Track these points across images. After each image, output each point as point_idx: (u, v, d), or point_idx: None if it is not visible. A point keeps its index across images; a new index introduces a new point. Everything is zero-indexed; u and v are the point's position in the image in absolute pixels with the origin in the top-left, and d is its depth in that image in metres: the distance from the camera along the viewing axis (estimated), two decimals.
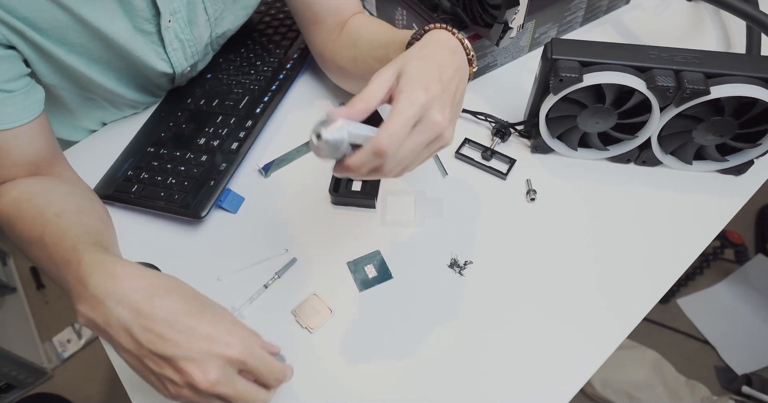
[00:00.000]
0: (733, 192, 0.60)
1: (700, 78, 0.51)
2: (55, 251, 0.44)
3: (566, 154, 0.63)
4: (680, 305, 1.33)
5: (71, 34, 0.52)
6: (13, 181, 0.52)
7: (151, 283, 0.39)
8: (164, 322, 0.37)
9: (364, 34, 0.59)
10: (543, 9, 0.69)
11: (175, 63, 0.63)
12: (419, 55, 0.42)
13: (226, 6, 0.64)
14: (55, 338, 1.43)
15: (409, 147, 0.39)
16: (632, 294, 0.54)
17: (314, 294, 0.54)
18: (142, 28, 0.56)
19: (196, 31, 0.62)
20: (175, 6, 0.57)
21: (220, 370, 0.36)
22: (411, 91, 0.38)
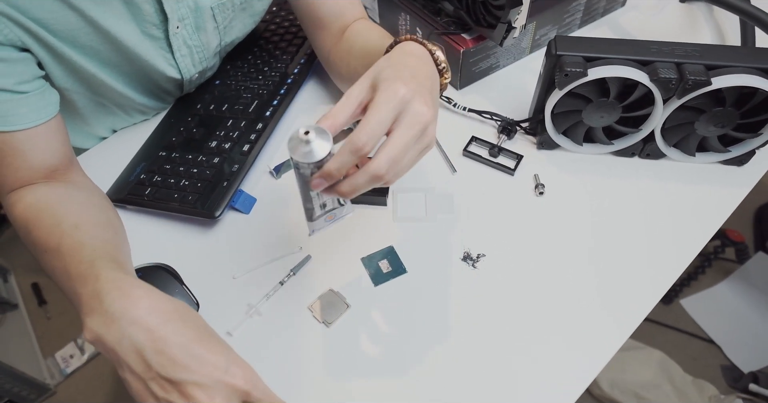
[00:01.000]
0: (736, 182, 0.61)
1: (701, 69, 0.53)
2: (71, 263, 0.44)
3: (572, 150, 0.64)
4: (683, 305, 1.34)
5: (82, 37, 0.53)
6: (29, 187, 0.53)
7: (166, 307, 0.39)
8: (178, 346, 0.37)
9: (359, 41, 0.61)
10: (543, 11, 0.71)
11: (183, 69, 0.65)
12: (388, 64, 0.42)
13: (235, 14, 0.65)
14: (58, 353, 1.41)
15: (399, 145, 0.38)
16: (641, 284, 0.55)
17: (330, 289, 0.55)
18: (150, 33, 0.58)
19: (204, 38, 0.64)
20: (183, 13, 0.58)
21: (225, 399, 0.36)
22: (388, 87, 0.38)
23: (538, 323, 0.53)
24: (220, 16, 0.63)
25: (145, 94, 0.67)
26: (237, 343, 0.53)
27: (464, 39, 0.68)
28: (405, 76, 0.40)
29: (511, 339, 0.52)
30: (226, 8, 0.63)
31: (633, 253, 0.57)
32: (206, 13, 0.61)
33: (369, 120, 0.37)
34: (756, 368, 1.22)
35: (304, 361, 0.52)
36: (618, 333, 0.52)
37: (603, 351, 0.51)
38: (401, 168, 0.39)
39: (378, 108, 0.38)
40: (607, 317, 0.53)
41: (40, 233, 0.49)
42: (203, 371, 0.36)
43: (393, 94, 0.38)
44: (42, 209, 0.51)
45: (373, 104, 0.38)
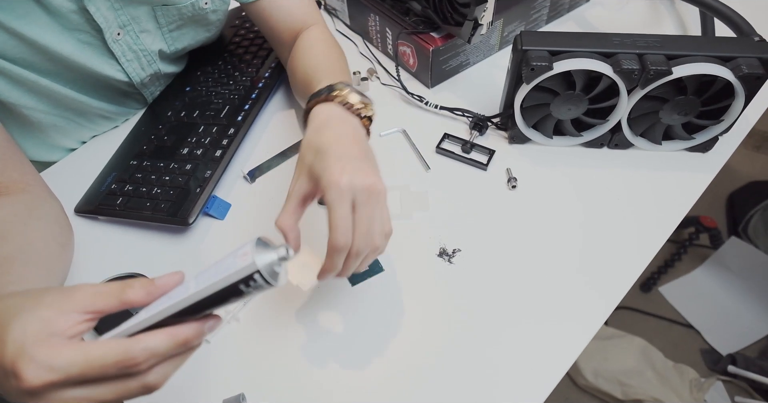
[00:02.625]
0: (702, 168, 0.63)
1: (662, 59, 0.54)
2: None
3: (542, 143, 0.65)
4: (662, 292, 1.36)
5: (11, 50, 0.51)
6: None
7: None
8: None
9: (303, 57, 0.61)
10: (510, 8, 0.72)
11: (132, 73, 0.64)
12: (314, 152, 0.44)
13: (184, 22, 0.64)
14: None
15: (366, 222, 0.41)
16: (616, 269, 0.56)
17: (307, 246, 0.49)
18: (87, 42, 0.56)
19: (149, 40, 0.62)
20: (123, 20, 0.57)
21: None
22: (330, 184, 0.40)
23: (515, 313, 0.53)
24: (163, 19, 0.62)
25: (100, 98, 0.65)
26: (215, 350, 0.52)
27: (433, 38, 0.69)
28: (335, 160, 0.42)
29: (490, 330, 0.52)
30: (171, 14, 0.62)
31: (607, 240, 0.58)
32: (147, 16, 0.60)
33: (336, 223, 0.40)
34: (734, 351, 1.26)
35: (283, 366, 0.51)
36: (595, 319, 0.52)
37: (580, 338, 0.51)
38: (375, 234, 0.43)
39: (335, 209, 0.40)
40: (583, 303, 0.54)
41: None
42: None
43: (338, 190, 0.40)
44: None
45: (330, 207, 0.40)
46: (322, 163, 0.42)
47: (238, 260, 0.30)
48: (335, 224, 0.40)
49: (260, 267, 0.30)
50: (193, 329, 0.30)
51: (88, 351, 0.27)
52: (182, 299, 0.31)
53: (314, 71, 0.57)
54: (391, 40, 0.74)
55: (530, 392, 0.49)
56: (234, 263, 0.30)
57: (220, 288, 0.31)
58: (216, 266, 0.31)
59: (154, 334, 0.29)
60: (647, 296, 1.36)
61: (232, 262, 0.31)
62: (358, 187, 0.41)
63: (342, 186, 0.40)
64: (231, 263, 0.31)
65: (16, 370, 0.27)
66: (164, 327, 0.31)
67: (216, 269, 0.31)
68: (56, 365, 0.27)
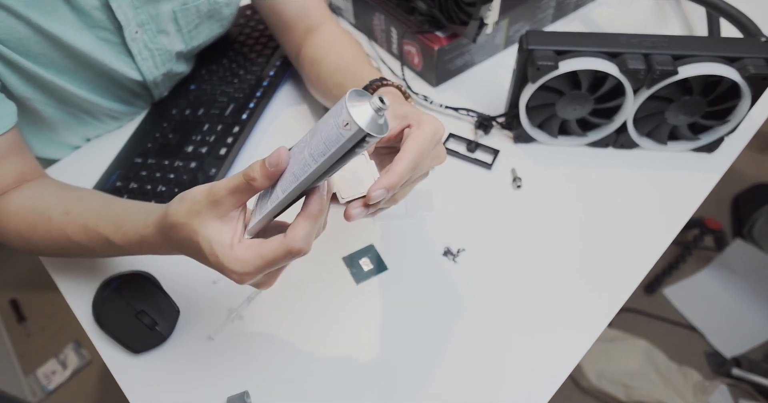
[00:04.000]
0: (707, 169, 0.63)
1: (668, 59, 0.54)
2: (97, 241, 0.47)
3: (547, 143, 0.65)
4: (666, 294, 1.36)
5: (33, 46, 0.52)
6: (2, 197, 0.52)
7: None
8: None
9: (330, 54, 0.61)
10: (515, 7, 0.72)
11: (146, 71, 0.64)
12: (407, 108, 0.44)
13: (201, 20, 0.65)
14: (39, 370, 1.38)
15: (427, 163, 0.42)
16: (621, 270, 0.55)
17: (364, 155, 0.42)
18: (106, 39, 0.57)
19: (167, 41, 0.63)
20: (143, 18, 0.58)
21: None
22: (432, 123, 0.42)
23: (519, 313, 0.53)
24: (183, 20, 0.62)
25: (111, 98, 0.66)
26: (218, 347, 0.52)
27: (438, 37, 0.69)
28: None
29: (493, 331, 0.52)
30: (190, 13, 0.62)
31: (611, 241, 0.58)
32: (167, 17, 0.60)
33: (420, 149, 0.40)
34: (738, 353, 1.25)
35: (287, 363, 0.51)
36: (599, 319, 0.52)
37: (585, 338, 0.51)
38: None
39: (425, 139, 0.40)
40: (588, 304, 0.53)
41: (41, 237, 0.50)
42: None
43: (435, 127, 0.41)
44: (25, 215, 0.51)
45: (420, 135, 0.41)
46: (417, 116, 0.43)
47: (341, 130, 0.31)
48: (420, 149, 0.40)
49: (367, 129, 0.30)
50: (319, 202, 0.35)
51: (262, 254, 0.36)
52: (307, 177, 0.33)
53: (349, 65, 0.57)
54: (396, 40, 0.74)
55: (533, 394, 0.48)
56: (337, 133, 0.31)
57: (338, 158, 0.32)
58: (320, 133, 0.33)
59: (299, 223, 0.35)
60: (651, 298, 1.36)
61: (335, 132, 0.32)
62: (441, 133, 0.43)
63: (438, 126, 0.42)
64: (333, 132, 0.32)
65: (226, 274, 0.37)
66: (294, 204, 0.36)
67: (321, 136, 0.32)
68: (246, 269, 0.36)
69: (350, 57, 0.59)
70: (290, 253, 0.35)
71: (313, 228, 0.36)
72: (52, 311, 1.49)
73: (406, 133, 0.41)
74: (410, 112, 0.42)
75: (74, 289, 0.58)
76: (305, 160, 0.33)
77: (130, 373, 0.52)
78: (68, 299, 0.58)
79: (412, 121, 0.41)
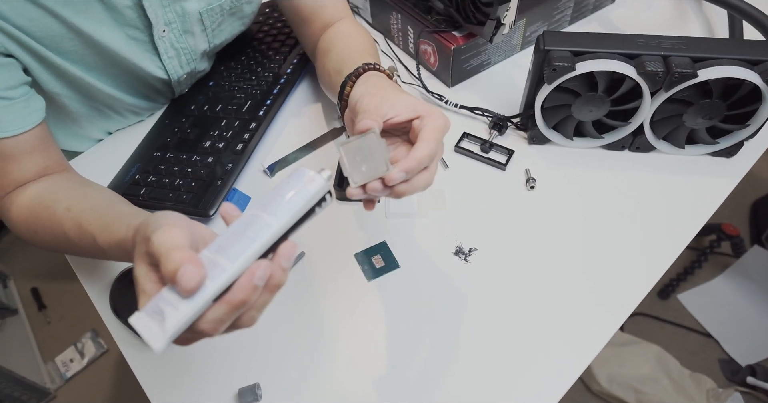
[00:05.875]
0: (726, 174, 0.62)
1: (687, 62, 0.54)
2: (86, 242, 0.47)
3: (562, 144, 0.65)
4: (681, 300, 1.34)
5: (66, 43, 0.54)
6: (19, 189, 0.53)
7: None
8: None
9: (338, 45, 0.62)
10: (533, 8, 0.72)
11: (171, 70, 0.65)
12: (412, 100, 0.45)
13: (224, 18, 0.66)
14: (58, 358, 1.42)
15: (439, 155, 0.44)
16: (634, 274, 0.55)
17: (373, 132, 0.40)
18: (135, 37, 0.58)
19: (192, 41, 0.64)
20: (170, 17, 0.59)
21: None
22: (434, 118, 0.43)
23: (530, 315, 0.53)
24: (208, 21, 0.64)
25: (134, 95, 0.68)
26: (228, 342, 0.53)
27: (455, 36, 0.69)
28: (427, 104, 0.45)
29: (504, 331, 0.52)
30: (215, 13, 0.64)
31: (625, 244, 0.57)
32: (194, 18, 0.62)
33: (433, 139, 0.42)
34: (754, 361, 1.23)
35: (297, 356, 0.52)
36: (610, 323, 0.52)
37: (595, 342, 0.51)
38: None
39: (436, 132, 0.42)
40: (600, 307, 0.53)
41: (45, 230, 0.51)
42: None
43: (444, 122, 0.43)
44: (35, 207, 0.52)
45: (431, 128, 0.42)
46: (414, 99, 0.44)
47: (307, 186, 0.34)
48: (437, 137, 0.41)
49: (329, 187, 0.35)
50: (245, 292, 0.32)
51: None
52: (271, 236, 0.33)
53: (352, 54, 0.58)
54: (413, 39, 0.74)
55: (543, 394, 0.49)
56: (303, 189, 0.34)
57: (300, 216, 0.34)
58: (278, 200, 0.34)
59: (215, 305, 0.32)
60: (665, 303, 1.34)
61: (300, 189, 0.34)
62: (449, 126, 0.44)
63: (446, 118, 0.43)
64: (298, 190, 0.34)
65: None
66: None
67: (282, 201, 0.33)
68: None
69: (356, 49, 0.60)
70: (192, 330, 0.32)
71: (226, 316, 0.32)
72: (71, 301, 1.52)
73: (419, 123, 0.43)
74: (419, 104, 0.44)
75: (93, 279, 0.59)
76: (262, 220, 0.33)
77: (145, 363, 0.53)
78: (87, 289, 0.59)
79: (422, 112, 0.43)
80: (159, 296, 0.31)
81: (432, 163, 0.43)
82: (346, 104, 0.52)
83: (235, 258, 0.31)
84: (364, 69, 0.52)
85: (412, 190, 0.42)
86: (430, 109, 0.44)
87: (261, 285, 0.32)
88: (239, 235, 0.32)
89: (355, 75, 0.52)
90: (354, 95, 0.49)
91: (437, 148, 0.42)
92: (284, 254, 0.33)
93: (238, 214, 0.37)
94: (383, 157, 0.40)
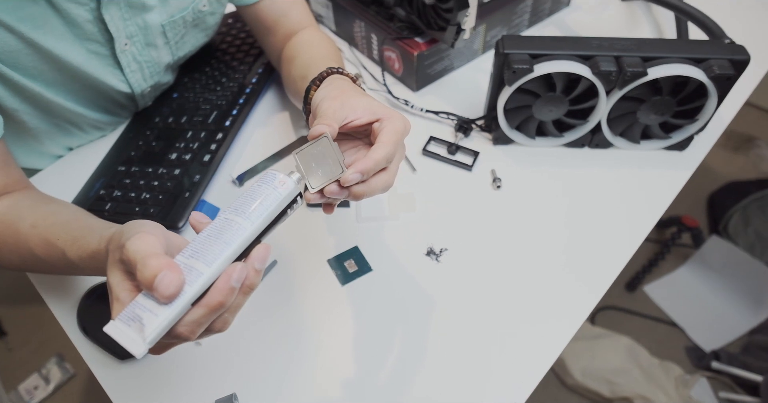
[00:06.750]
0: (679, 166, 0.65)
1: (638, 61, 0.56)
2: (55, 258, 0.46)
3: (525, 144, 0.67)
4: (647, 291, 1.39)
5: (24, 58, 0.52)
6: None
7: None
8: None
9: (302, 53, 0.62)
10: (492, 13, 0.74)
11: (134, 84, 0.64)
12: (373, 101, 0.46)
13: (187, 30, 0.65)
14: (21, 386, 1.36)
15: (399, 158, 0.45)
16: (600, 265, 0.57)
17: (325, 136, 0.41)
18: (96, 52, 0.57)
19: (155, 54, 0.64)
20: (132, 30, 0.58)
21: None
22: (392, 121, 0.44)
23: (501, 310, 0.54)
24: (171, 33, 0.63)
25: (97, 109, 0.66)
26: (206, 352, 0.53)
27: (418, 43, 0.70)
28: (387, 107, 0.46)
29: (478, 328, 0.53)
30: (178, 25, 0.63)
31: (589, 237, 0.59)
32: (156, 30, 0.61)
33: (390, 140, 0.42)
34: (717, 347, 1.28)
35: (274, 365, 0.52)
36: (578, 315, 0.54)
37: (564, 334, 0.53)
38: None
39: (395, 132, 0.43)
40: (567, 300, 0.55)
41: (9, 249, 0.49)
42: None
43: (404, 124, 0.44)
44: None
45: (389, 128, 0.43)
46: (374, 102, 0.45)
47: (279, 189, 0.35)
48: (395, 140, 0.42)
49: (299, 189, 0.36)
50: (222, 294, 0.32)
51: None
52: (245, 239, 0.33)
53: (316, 60, 0.58)
54: (377, 46, 0.76)
55: (516, 388, 0.50)
56: (275, 192, 0.35)
57: (272, 218, 0.35)
58: (250, 203, 0.34)
59: (193, 308, 0.32)
60: (632, 296, 1.39)
61: (272, 192, 0.35)
62: (409, 128, 0.45)
63: (406, 121, 0.44)
64: (269, 193, 0.35)
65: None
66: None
67: (255, 204, 0.34)
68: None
69: (320, 55, 0.60)
70: (169, 334, 0.32)
71: (204, 318, 0.32)
72: (33, 325, 1.46)
73: (378, 126, 0.43)
74: (379, 107, 0.44)
75: (59, 298, 0.58)
76: (235, 224, 0.33)
77: (117, 381, 0.52)
78: (53, 308, 0.57)
79: (381, 115, 0.44)
80: (134, 303, 0.31)
81: (392, 165, 0.43)
82: (310, 109, 0.52)
83: (212, 262, 0.32)
84: (328, 73, 0.52)
85: (371, 192, 0.42)
86: (390, 112, 0.44)
87: (238, 287, 0.32)
88: (214, 239, 0.32)
89: (318, 79, 0.52)
90: (315, 99, 0.49)
91: (395, 150, 0.42)
92: (257, 256, 0.34)
93: (207, 221, 0.37)
94: (337, 159, 0.40)
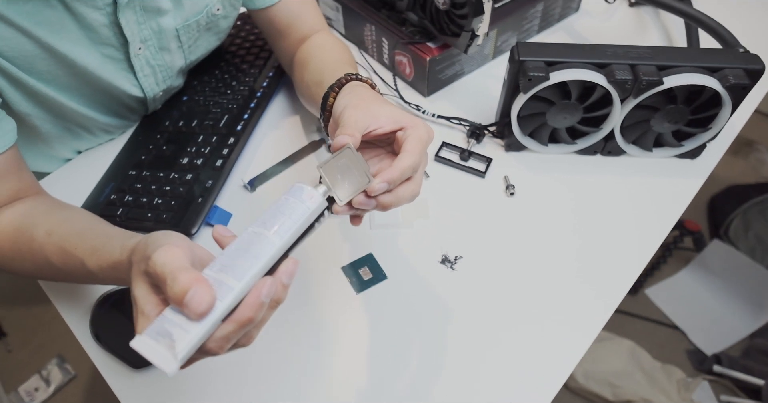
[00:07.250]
0: (691, 174, 0.65)
1: (653, 70, 0.56)
2: (73, 267, 0.45)
3: (538, 151, 0.67)
4: (648, 294, 1.39)
5: (39, 63, 0.52)
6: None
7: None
8: None
9: (315, 57, 0.62)
10: (503, 19, 0.74)
11: (147, 88, 0.64)
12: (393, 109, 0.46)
13: (200, 34, 0.65)
14: (21, 387, 1.35)
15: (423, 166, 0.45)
16: (614, 273, 0.57)
17: (348, 147, 0.40)
18: (110, 56, 0.57)
19: (168, 58, 0.63)
20: (146, 34, 0.58)
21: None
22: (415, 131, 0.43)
23: (516, 319, 0.54)
24: (184, 37, 0.63)
25: (108, 114, 0.66)
26: (220, 361, 0.52)
27: (430, 48, 0.70)
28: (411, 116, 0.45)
29: (493, 336, 0.53)
30: (191, 29, 0.63)
31: (603, 245, 0.59)
32: (170, 34, 0.61)
33: (414, 149, 0.42)
34: (718, 350, 1.29)
35: (286, 374, 0.52)
36: (595, 323, 0.54)
37: (581, 342, 0.53)
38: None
39: (419, 142, 0.43)
40: (583, 308, 0.55)
41: (24, 257, 0.49)
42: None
43: (428, 132, 0.44)
44: (11, 234, 0.50)
45: (414, 138, 0.43)
46: (411, 120, 0.44)
47: (307, 203, 0.35)
48: (420, 149, 0.42)
49: (326, 202, 0.37)
50: (252, 309, 0.32)
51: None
52: (275, 253, 0.33)
53: (331, 65, 0.58)
54: (388, 50, 0.75)
55: (533, 398, 0.50)
56: (302, 206, 0.35)
57: (301, 232, 0.35)
58: (279, 217, 0.35)
59: (223, 324, 0.32)
60: (634, 299, 1.39)
61: (299, 206, 0.35)
62: (433, 136, 0.45)
63: (430, 129, 0.44)
64: (297, 207, 0.35)
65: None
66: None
67: (283, 218, 0.35)
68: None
69: (334, 59, 0.60)
70: (198, 350, 0.32)
71: (233, 334, 0.32)
72: (33, 326, 1.45)
73: (402, 135, 0.43)
74: (402, 115, 0.44)
75: (71, 304, 0.57)
76: (264, 239, 0.33)
77: (131, 389, 0.52)
78: (64, 315, 0.57)
79: (405, 124, 0.44)
80: (162, 318, 0.30)
81: (417, 174, 0.43)
82: (329, 115, 0.52)
83: (242, 277, 0.31)
84: (347, 79, 0.52)
85: (398, 202, 0.42)
86: (413, 120, 0.44)
87: (267, 302, 0.32)
88: (243, 253, 0.32)
89: (337, 86, 0.52)
90: (338, 107, 0.49)
91: (420, 159, 0.42)
92: (286, 270, 0.33)
93: (231, 235, 0.36)
94: (362, 169, 0.40)
